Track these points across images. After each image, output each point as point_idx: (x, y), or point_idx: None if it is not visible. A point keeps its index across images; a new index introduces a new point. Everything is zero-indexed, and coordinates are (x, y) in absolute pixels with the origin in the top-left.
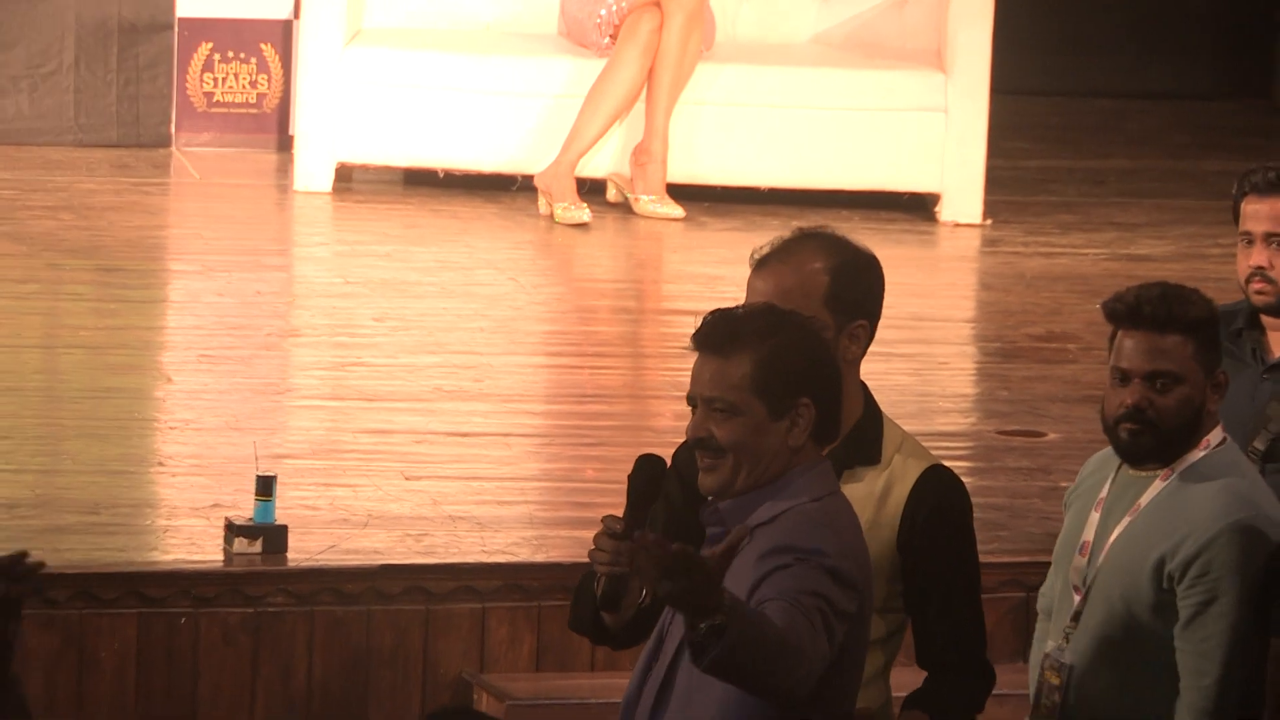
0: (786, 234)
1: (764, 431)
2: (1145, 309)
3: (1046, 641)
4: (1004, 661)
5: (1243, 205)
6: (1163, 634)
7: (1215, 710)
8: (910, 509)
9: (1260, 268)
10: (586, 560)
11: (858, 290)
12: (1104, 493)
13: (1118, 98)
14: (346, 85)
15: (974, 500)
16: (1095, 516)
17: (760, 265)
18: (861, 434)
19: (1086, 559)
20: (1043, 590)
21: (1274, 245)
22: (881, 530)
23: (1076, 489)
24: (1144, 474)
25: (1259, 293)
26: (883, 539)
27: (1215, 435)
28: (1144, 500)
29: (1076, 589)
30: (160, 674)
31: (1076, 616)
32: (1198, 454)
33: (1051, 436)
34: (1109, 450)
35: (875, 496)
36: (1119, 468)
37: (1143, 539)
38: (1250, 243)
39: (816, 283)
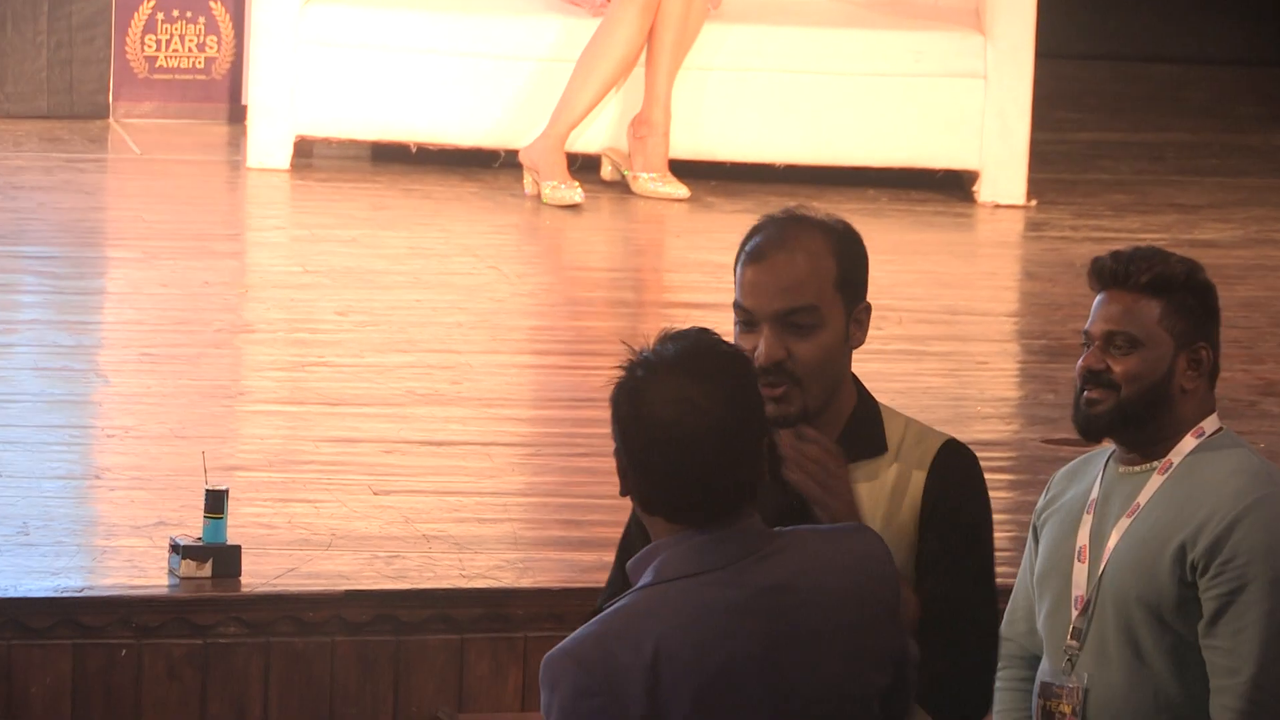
0: (772, 223)
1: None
2: (1108, 265)
3: (1043, 670)
4: None
5: None
6: (1185, 634)
7: (1254, 708)
8: (930, 488)
9: None
10: (577, 587)
11: (860, 271)
12: (1094, 494)
13: (1177, 63)
14: (306, 48)
15: (1015, 517)
16: (1088, 519)
17: (758, 258)
18: (859, 426)
19: (1087, 565)
20: (1005, 634)
21: None
22: (903, 522)
23: (1048, 506)
24: (1137, 470)
25: None
26: (905, 531)
27: (1210, 423)
28: (1143, 498)
29: (1079, 600)
30: (98, 712)
31: (1078, 634)
32: (1192, 442)
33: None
34: (1081, 459)
35: (889, 488)
36: (1105, 465)
37: (1154, 534)
38: None
39: (826, 268)
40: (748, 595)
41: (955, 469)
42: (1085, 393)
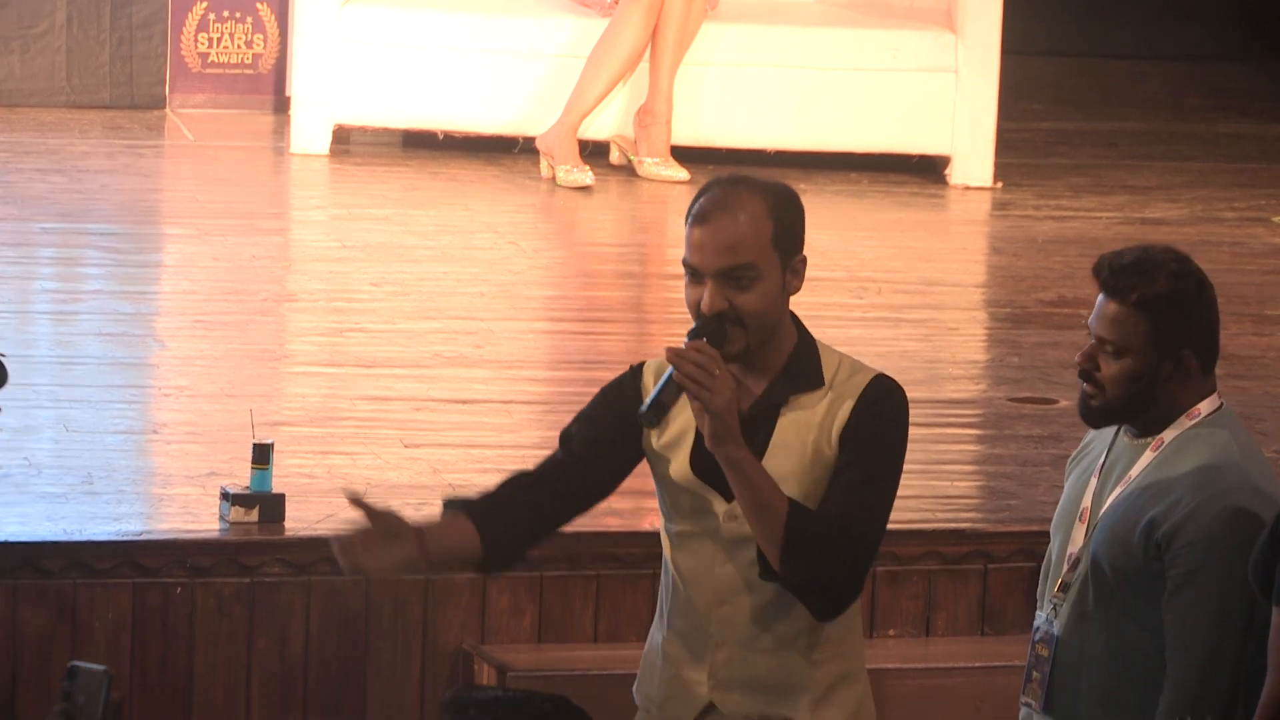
0: (717, 185)
1: None
2: (1104, 271)
3: (1036, 614)
4: (1015, 632)
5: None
6: (1151, 604)
7: (1202, 682)
8: (855, 413)
9: None
10: (588, 531)
11: (795, 226)
12: (1103, 459)
13: (1130, 59)
14: (344, 45)
15: (985, 469)
16: (1094, 483)
17: (703, 219)
18: (798, 362)
19: (1085, 526)
20: (1043, 574)
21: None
22: (827, 447)
23: (1078, 455)
24: (1138, 443)
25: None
26: (828, 458)
27: (1208, 404)
28: (1135, 471)
29: (1071, 556)
30: (155, 645)
31: (1065, 587)
32: (1187, 423)
33: (1063, 404)
34: None
35: (819, 417)
36: (1116, 434)
37: (1133, 509)
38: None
39: (764, 227)
40: None
41: (882, 399)
42: (1084, 385)
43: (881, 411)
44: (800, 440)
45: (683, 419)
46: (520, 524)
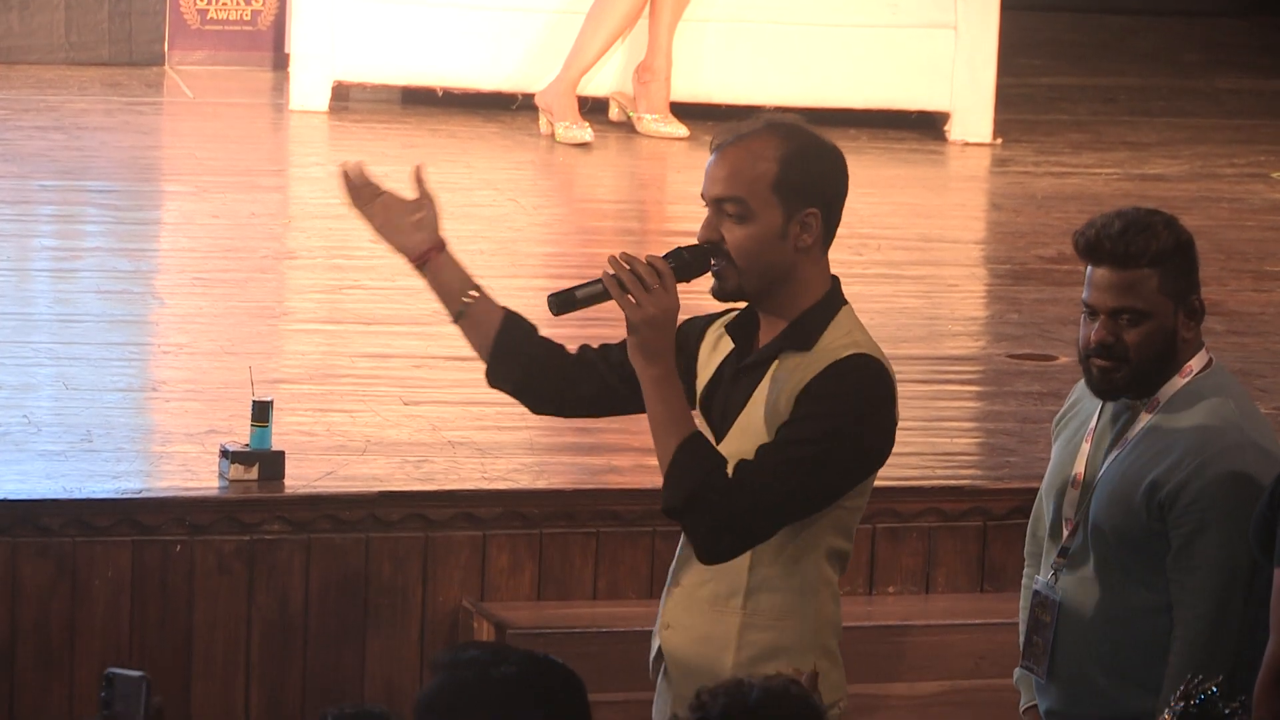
0: (750, 124)
1: None
2: (1105, 245)
3: (1035, 579)
4: (1014, 589)
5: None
6: (1154, 566)
7: (1210, 642)
8: (817, 377)
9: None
10: (588, 488)
11: (807, 177)
12: (1094, 423)
13: (1129, 14)
14: (343, 1)
15: (984, 425)
16: (1086, 448)
17: (715, 149)
18: (804, 321)
19: (1079, 491)
20: (1030, 531)
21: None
22: (782, 409)
23: (1064, 415)
24: (1132, 404)
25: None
26: (782, 415)
27: (1199, 360)
28: (1132, 433)
29: (1068, 521)
30: (155, 603)
31: (1065, 552)
32: (1181, 381)
33: (1063, 360)
34: None
35: (790, 377)
36: None
37: (1133, 470)
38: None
39: (766, 169)
40: None
41: (847, 374)
42: (1095, 360)
43: (839, 384)
44: (774, 395)
45: (715, 357)
46: (541, 361)
